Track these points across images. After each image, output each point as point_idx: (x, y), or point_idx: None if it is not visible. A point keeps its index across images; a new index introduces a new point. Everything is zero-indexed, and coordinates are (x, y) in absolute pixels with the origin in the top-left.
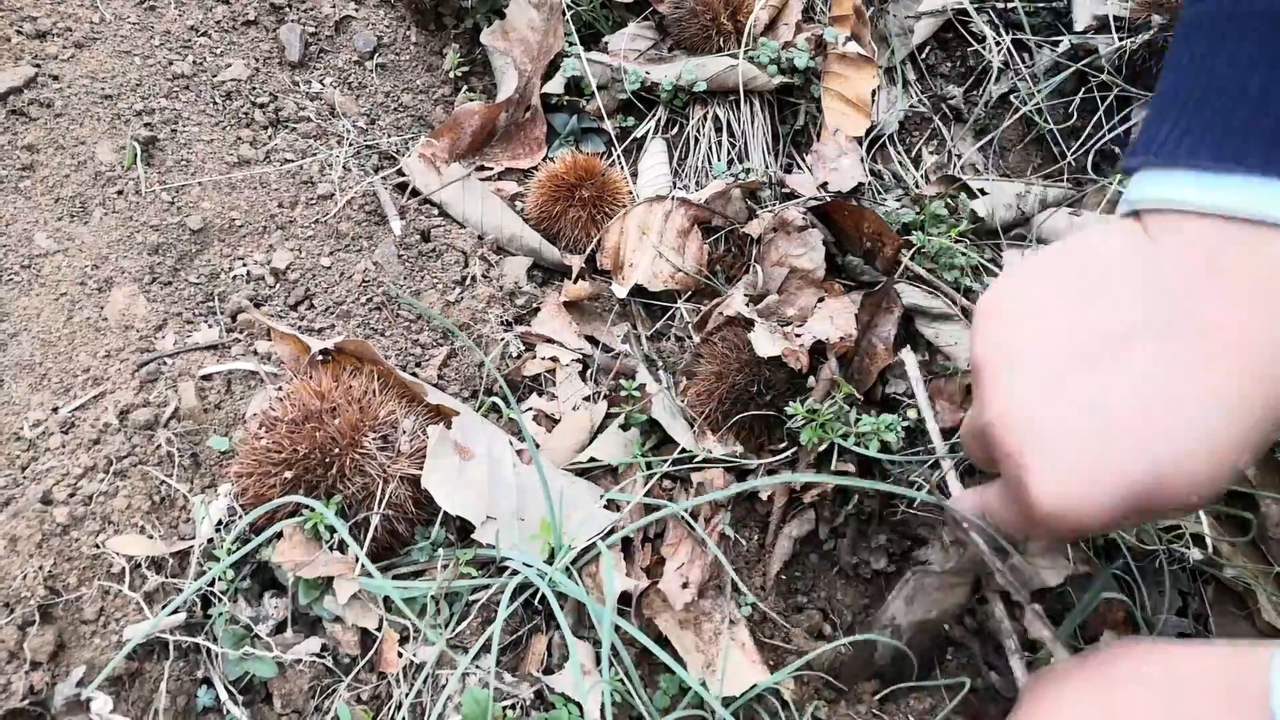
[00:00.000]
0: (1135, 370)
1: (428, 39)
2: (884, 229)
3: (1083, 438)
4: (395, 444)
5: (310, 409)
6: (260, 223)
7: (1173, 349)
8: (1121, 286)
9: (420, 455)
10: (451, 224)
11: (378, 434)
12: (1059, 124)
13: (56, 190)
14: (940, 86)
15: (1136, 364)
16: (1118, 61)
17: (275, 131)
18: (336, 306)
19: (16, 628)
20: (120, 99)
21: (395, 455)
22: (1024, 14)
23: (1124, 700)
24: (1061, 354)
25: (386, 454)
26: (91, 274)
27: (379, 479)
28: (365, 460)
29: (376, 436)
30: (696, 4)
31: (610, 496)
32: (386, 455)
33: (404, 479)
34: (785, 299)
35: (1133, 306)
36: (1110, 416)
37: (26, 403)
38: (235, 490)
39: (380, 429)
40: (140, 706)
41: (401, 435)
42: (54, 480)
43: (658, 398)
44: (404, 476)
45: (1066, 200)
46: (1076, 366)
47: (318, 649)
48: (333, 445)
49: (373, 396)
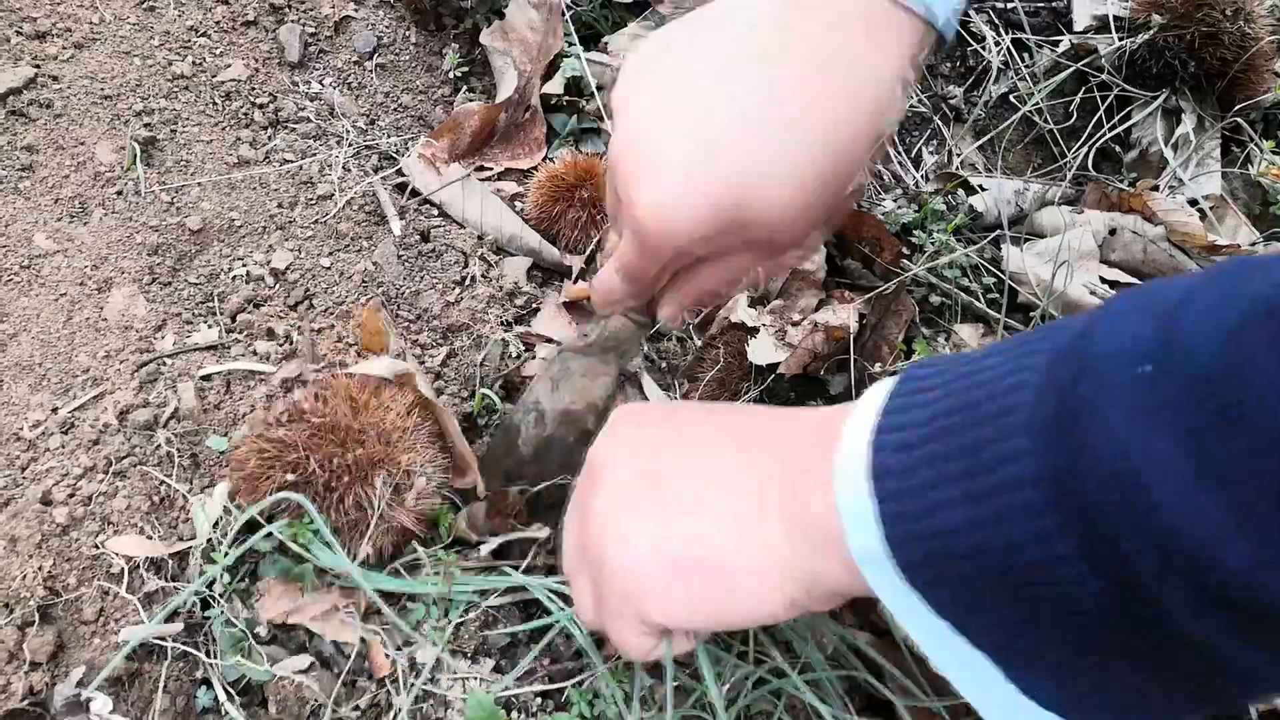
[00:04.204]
0: (736, 94)
1: (427, 39)
2: (883, 233)
3: (683, 155)
4: (404, 494)
5: (340, 421)
6: (260, 223)
7: (769, 76)
8: (743, 15)
9: (422, 512)
10: (451, 224)
11: (392, 477)
12: (1059, 124)
13: (56, 191)
14: (940, 86)
15: (738, 89)
16: (1117, 61)
17: (275, 132)
18: (336, 307)
19: (16, 628)
20: (120, 99)
21: (399, 504)
22: (1024, 14)
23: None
24: (675, 81)
25: (392, 500)
26: (91, 274)
27: (373, 522)
28: (368, 500)
29: (390, 481)
30: (696, 5)
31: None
32: (391, 502)
33: (397, 529)
34: (788, 302)
35: (748, 37)
36: (709, 137)
37: (26, 403)
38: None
39: (396, 473)
40: (140, 707)
41: (413, 488)
42: (53, 481)
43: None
44: (399, 528)
45: (1065, 198)
46: (690, 92)
47: (305, 666)
48: (345, 473)
49: (401, 436)
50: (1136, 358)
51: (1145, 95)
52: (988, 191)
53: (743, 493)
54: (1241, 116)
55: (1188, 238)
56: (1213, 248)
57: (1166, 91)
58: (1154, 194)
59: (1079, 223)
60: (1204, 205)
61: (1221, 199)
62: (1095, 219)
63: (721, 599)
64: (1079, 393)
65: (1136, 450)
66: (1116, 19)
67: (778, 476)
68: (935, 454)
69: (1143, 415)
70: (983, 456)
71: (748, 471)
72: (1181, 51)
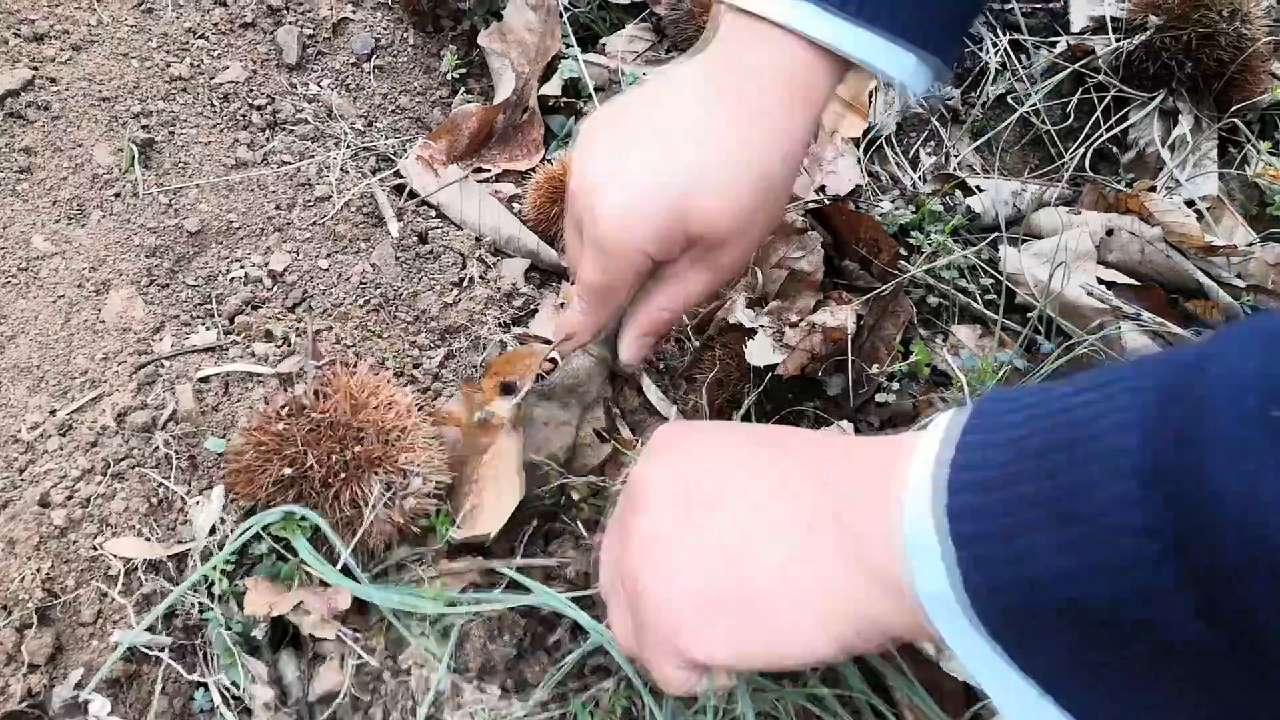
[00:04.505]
0: (682, 129)
1: (425, 41)
2: (881, 235)
3: (638, 168)
4: (398, 497)
5: (339, 418)
6: (258, 225)
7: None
8: (684, 68)
9: (415, 509)
10: (449, 226)
11: (389, 476)
12: (1056, 125)
13: (54, 193)
14: (938, 87)
15: (684, 127)
16: (1115, 62)
17: (273, 134)
18: (334, 308)
19: (14, 630)
20: (118, 101)
21: (393, 505)
22: (1021, 15)
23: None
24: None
25: (387, 501)
26: (89, 276)
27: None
28: (363, 499)
29: (385, 480)
30: (694, 6)
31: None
32: (386, 504)
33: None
34: (786, 303)
35: (693, 97)
36: (658, 159)
37: (24, 405)
38: (235, 452)
39: (393, 473)
40: (138, 709)
41: (408, 489)
42: (51, 483)
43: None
44: (394, 526)
45: (1062, 199)
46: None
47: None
48: (341, 470)
49: (400, 435)
50: (1263, 396)
51: (1142, 96)
52: (985, 192)
53: (791, 526)
54: (1238, 117)
55: (1185, 238)
56: (1210, 248)
57: (1163, 92)
58: (1151, 195)
59: (1076, 223)
60: (1201, 206)
61: (1218, 200)
62: (1092, 220)
63: (766, 638)
64: (1196, 434)
65: (1265, 501)
66: (1113, 20)
67: (830, 511)
68: (1022, 497)
69: (1272, 462)
70: (1081, 502)
71: (797, 504)
72: (1178, 52)
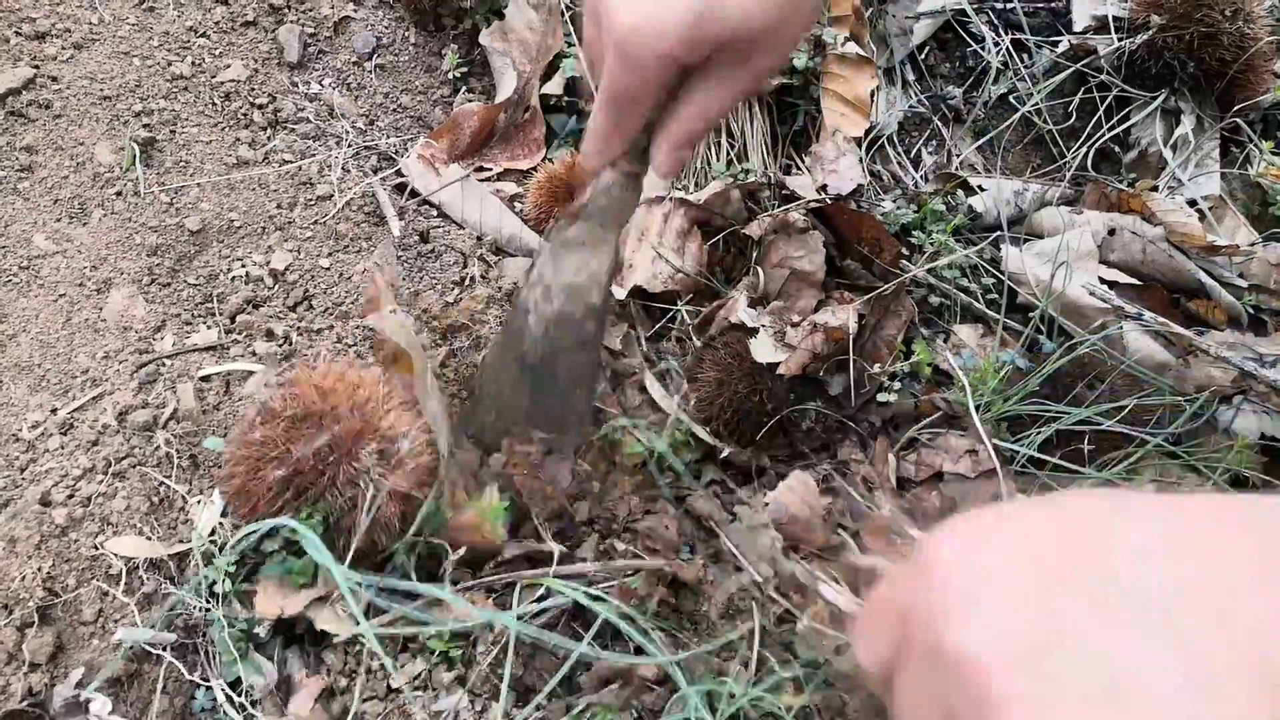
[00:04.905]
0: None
1: (427, 40)
2: (883, 234)
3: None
4: (392, 457)
5: (311, 407)
6: (259, 224)
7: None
8: None
9: (416, 471)
10: (450, 225)
11: (377, 444)
12: (1058, 124)
13: (55, 191)
14: (939, 87)
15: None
16: (1117, 62)
17: (274, 132)
18: (335, 307)
19: (15, 629)
20: (119, 100)
21: (390, 468)
22: (1023, 14)
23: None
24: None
25: (382, 466)
26: (90, 275)
27: (369, 493)
28: (359, 474)
29: (374, 449)
30: None
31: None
32: (382, 469)
33: (395, 494)
34: (788, 303)
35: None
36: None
37: (25, 404)
38: (225, 477)
39: (380, 440)
40: (139, 708)
41: (400, 449)
42: (52, 481)
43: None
44: (395, 492)
45: (1064, 199)
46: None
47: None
48: (329, 453)
49: (377, 404)
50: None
51: (1144, 96)
52: (987, 192)
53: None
54: (1240, 117)
55: (1187, 238)
56: (1211, 248)
57: (1165, 92)
58: (1153, 194)
59: (1078, 223)
60: (1203, 205)
61: (1220, 199)
62: (1094, 219)
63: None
64: None
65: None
66: (1116, 19)
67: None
68: None
69: None
70: None
71: (1211, 647)
72: (1180, 52)
